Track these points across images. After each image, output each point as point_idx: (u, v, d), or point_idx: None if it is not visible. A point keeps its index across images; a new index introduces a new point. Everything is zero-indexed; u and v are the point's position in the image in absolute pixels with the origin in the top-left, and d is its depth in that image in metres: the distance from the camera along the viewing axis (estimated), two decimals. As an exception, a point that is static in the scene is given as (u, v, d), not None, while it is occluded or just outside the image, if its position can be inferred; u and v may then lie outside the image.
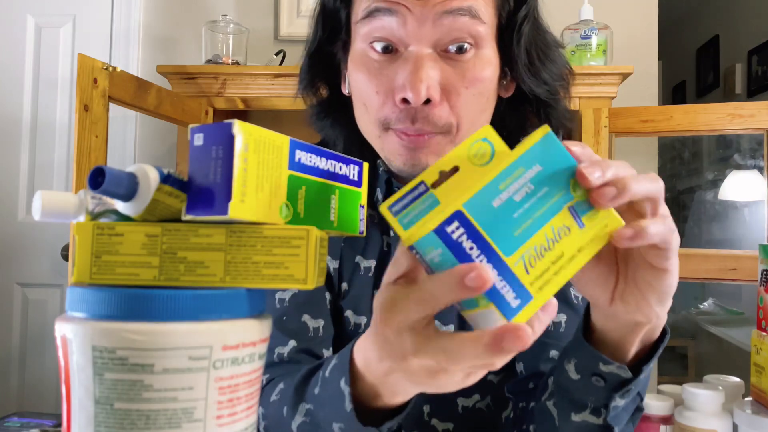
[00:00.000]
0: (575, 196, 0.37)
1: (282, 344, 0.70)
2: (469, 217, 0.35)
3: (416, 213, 0.37)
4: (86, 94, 1.37)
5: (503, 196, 0.35)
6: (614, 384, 0.52)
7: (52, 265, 2.02)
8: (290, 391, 0.60)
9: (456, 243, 0.34)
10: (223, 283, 0.36)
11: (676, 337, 3.45)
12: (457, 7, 0.61)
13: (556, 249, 0.36)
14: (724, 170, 3.37)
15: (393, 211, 0.37)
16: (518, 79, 0.69)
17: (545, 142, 0.37)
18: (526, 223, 0.36)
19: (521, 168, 0.36)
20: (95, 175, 0.33)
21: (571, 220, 0.37)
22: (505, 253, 0.35)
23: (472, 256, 0.34)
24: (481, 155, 0.38)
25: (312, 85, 0.75)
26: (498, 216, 0.35)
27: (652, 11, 1.98)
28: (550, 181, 0.37)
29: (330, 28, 0.71)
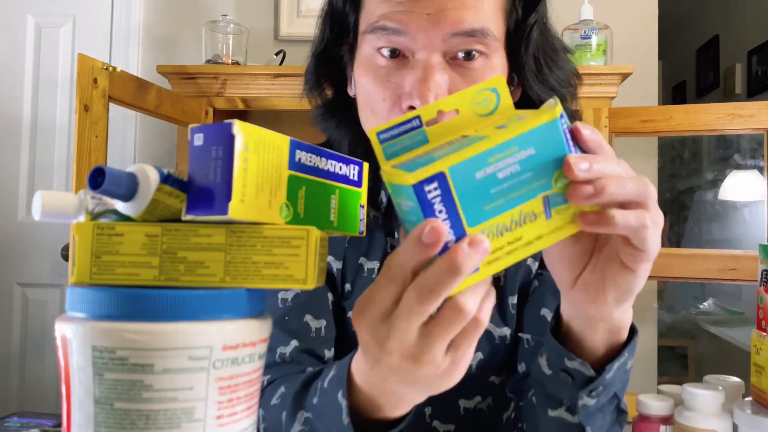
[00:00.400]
0: (554, 188, 0.37)
1: (284, 344, 0.70)
2: (449, 182, 0.35)
3: (403, 146, 0.37)
4: (86, 94, 1.37)
5: (488, 170, 0.35)
6: (581, 382, 0.52)
7: (52, 265, 2.02)
8: (290, 397, 0.60)
9: (428, 202, 0.35)
10: (223, 283, 0.36)
11: (676, 337, 3.45)
12: (469, 29, 0.60)
13: (516, 231, 0.37)
14: (724, 170, 3.37)
15: (381, 138, 0.37)
16: (526, 86, 0.68)
17: (548, 128, 0.36)
18: (499, 201, 0.36)
19: (515, 147, 0.36)
20: (95, 175, 0.33)
21: (541, 209, 0.37)
22: (469, 224, 0.35)
23: (438, 218, 0.35)
24: (485, 105, 0.38)
25: (318, 85, 0.75)
26: (476, 187, 0.35)
27: (652, 11, 1.98)
28: (536, 167, 0.36)
29: (337, 30, 0.70)
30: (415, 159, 0.37)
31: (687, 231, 3.71)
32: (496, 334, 0.72)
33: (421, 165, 0.35)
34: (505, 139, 0.35)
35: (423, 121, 0.37)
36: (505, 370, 0.73)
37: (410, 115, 0.37)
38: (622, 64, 1.72)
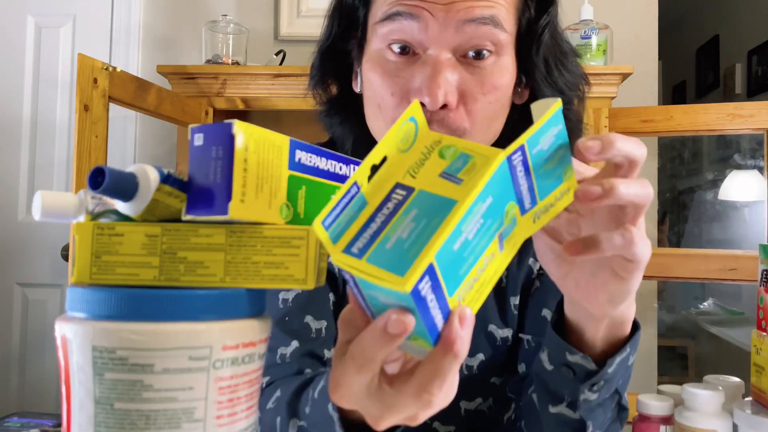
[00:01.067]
0: (505, 222, 0.36)
1: (284, 345, 0.70)
2: (436, 269, 0.32)
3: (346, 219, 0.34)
4: (86, 94, 1.37)
5: (462, 238, 0.33)
6: (582, 376, 0.53)
7: (52, 265, 2.02)
8: (284, 403, 0.60)
9: (423, 299, 0.32)
10: (223, 283, 0.36)
11: (676, 337, 3.45)
12: (480, 16, 0.60)
13: (481, 278, 0.35)
14: (724, 170, 3.38)
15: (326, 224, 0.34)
16: (534, 87, 0.68)
17: (500, 171, 0.34)
18: (470, 260, 0.34)
19: (480, 203, 0.34)
20: (95, 175, 0.33)
21: (496, 247, 0.36)
22: (449, 294, 0.33)
23: (430, 308, 0.33)
24: (406, 139, 0.36)
25: (322, 81, 0.75)
26: (455, 259, 0.33)
27: (652, 11, 1.98)
28: (494, 213, 0.35)
29: (346, 25, 0.70)
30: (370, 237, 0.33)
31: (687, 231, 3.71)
32: (497, 335, 0.72)
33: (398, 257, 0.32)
34: (472, 201, 0.33)
35: (360, 184, 0.35)
36: (506, 371, 0.73)
37: (347, 185, 0.34)
38: (622, 64, 1.72)
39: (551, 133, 0.37)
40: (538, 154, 0.36)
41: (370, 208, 0.34)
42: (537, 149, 0.36)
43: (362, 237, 0.33)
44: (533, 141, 0.36)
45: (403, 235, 0.33)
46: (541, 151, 0.36)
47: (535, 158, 0.36)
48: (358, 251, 0.33)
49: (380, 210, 0.34)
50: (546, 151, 0.37)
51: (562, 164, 0.38)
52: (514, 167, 0.35)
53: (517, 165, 0.35)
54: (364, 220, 0.34)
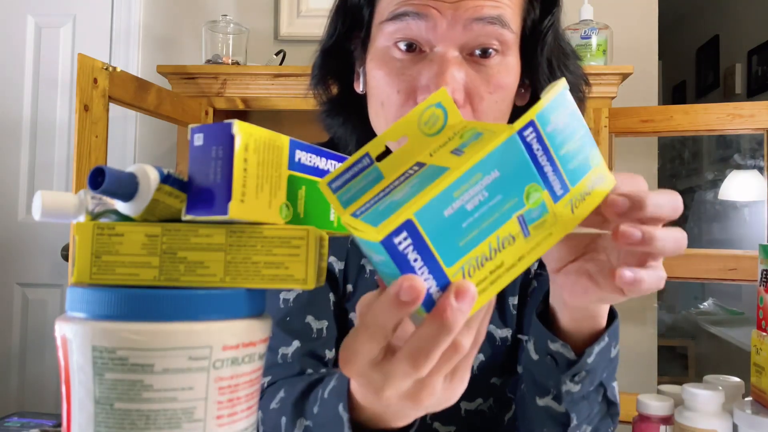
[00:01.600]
0: (527, 204, 0.35)
1: (286, 344, 0.70)
2: (419, 228, 0.32)
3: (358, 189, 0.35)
4: (86, 94, 1.37)
5: (456, 205, 0.33)
6: (563, 366, 0.53)
7: (52, 265, 2.02)
8: (290, 403, 0.60)
9: (401, 254, 0.32)
10: (223, 283, 0.36)
11: (676, 337, 3.45)
12: (488, 15, 0.60)
13: (497, 258, 0.35)
14: (724, 170, 3.38)
15: (333, 187, 0.35)
16: (537, 88, 0.68)
17: (508, 146, 0.34)
18: (473, 233, 0.34)
19: (479, 173, 0.34)
20: (95, 175, 0.33)
21: (518, 230, 0.35)
22: (446, 264, 0.34)
23: (415, 268, 0.33)
24: (432, 123, 0.36)
25: (324, 81, 0.75)
26: (447, 225, 0.33)
27: (652, 11, 1.98)
28: (505, 189, 0.34)
29: (350, 24, 0.70)
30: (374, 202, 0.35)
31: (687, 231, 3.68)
32: (497, 335, 0.72)
33: (383, 214, 0.33)
34: (466, 168, 0.33)
35: (373, 157, 0.35)
36: (506, 371, 0.73)
37: (358, 154, 0.35)
38: (622, 64, 1.72)
39: (563, 112, 0.36)
40: (554, 133, 0.36)
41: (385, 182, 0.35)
42: (551, 128, 0.36)
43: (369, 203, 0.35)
44: (543, 118, 0.35)
45: (395, 198, 0.34)
46: (556, 130, 0.36)
47: (551, 137, 0.36)
48: (360, 212, 0.34)
49: (393, 183, 0.35)
50: (562, 130, 0.36)
51: (585, 147, 0.37)
52: (529, 144, 0.35)
53: (532, 142, 0.35)
54: (377, 191, 0.35)
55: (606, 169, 0.39)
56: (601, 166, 0.38)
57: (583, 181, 0.37)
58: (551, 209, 0.36)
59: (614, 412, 0.59)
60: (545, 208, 0.36)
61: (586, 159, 0.37)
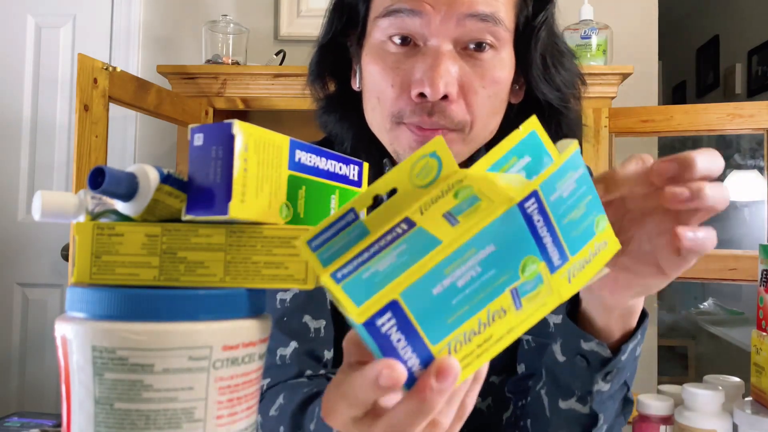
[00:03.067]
0: (522, 277, 0.33)
1: (283, 345, 0.70)
2: (404, 308, 0.31)
3: (340, 245, 0.33)
4: (86, 94, 1.37)
5: (446, 282, 0.32)
6: (596, 365, 0.53)
7: (52, 265, 2.02)
8: (288, 414, 0.60)
9: (383, 336, 0.31)
10: (223, 283, 0.36)
11: (676, 337, 3.45)
12: (481, 12, 0.61)
13: (485, 332, 0.33)
14: (724, 170, 3.37)
15: (313, 246, 0.33)
16: (532, 84, 0.68)
17: (506, 219, 0.32)
18: (463, 309, 0.32)
19: (473, 249, 0.32)
20: (95, 175, 0.33)
21: (510, 303, 0.33)
22: (432, 342, 0.32)
23: (397, 349, 0.31)
24: (425, 174, 0.34)
25: (320, 78, 0.75)
26: (435, 304, 0.32)
27: (652, 11, 1.98)
28: (499, 263, 0.33)
29: (346, 20, 0.70)
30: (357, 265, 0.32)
31: (687, 231, 3.70)
32: None
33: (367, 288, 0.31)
34: (459, 244, 0.32)
35: (358, 211, 0.33)
36: (505, 370, 0.73)
37: (342, 210, 0.33)
38: (622, 64, 1.72)
39: (570, 178, 0.34)
40: (558, 202, 0.34)
41: (371, 238, 0.33)
42: (555, 196, 0.33)
43: (351, 264, 0.33)
44: (548, 186, 0.33)
45: (380, 268, 0.32)
46: (560, 199, 0.34)
47: (555, 207, 0.34)
48: (341, 276, 0.32)
49: (379, 241, 0.33)
50: (567, 198, 0.34)
51: (590, 214, 0.35)
52: (530, 216, 0.33)
53: (533, 214, 0.33)
54: (361, 249, 0.33)
55: (611, 234, 0.37)
56: (606, 230, 0.37)
57: (584, 249, 0.35)
58: (547, 280, 0.34)
59: (628, 410, 0.60)
60: (541, 279, 0.34)
61: (591, 226, 0.36)
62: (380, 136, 0.68)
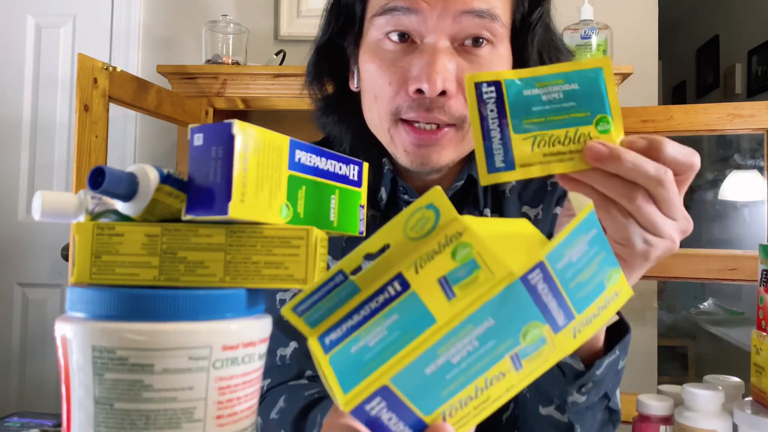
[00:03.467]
0: (523, 343, 0.32)
1: (283, 345, 0.70)
2: (395, 391, 0.30)
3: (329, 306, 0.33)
4: (86, 94, 1.37)
5: (440, 362, 0.31)
6: (570, 377, 0.53)
7: (52, 265, 2.02)
8: (290, 419, 0.60)
9: (373, 418, 0.31)
10: (223, 283, 0.36)
11: (676, 337, 3.45)
12: (477, 9, 0.61)
13: (482, 396, 0.33)
14: (724, 170, 3.37)
15: (299, 311, 0.33)
16: None
17: (507, 293, 0.31)
18: (458, 381, 0.32)
19: (470, 326, 0.31)
20: (95, 175, 0.33)
21: (509, 366, 0.32)
22: (425, 413, 0.32)
23: (389, 426, 0.31)
24: (421, 225, 0.33)
25: (319, 79, 0.75)
26: (428, 382, 0.31)
27: (652, 11, 1.98)
28: (499, 334, 0.31)
29: (343, 20, 0.70)
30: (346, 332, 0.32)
31: (687, 231, 3.70)
32: None
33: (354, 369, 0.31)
34: (454, 325, 0.30)
35: (347, 272, 0.33)
36: None
37: (331, 273, 0.33)
38: (622, 64, 1.72)
39: (581, 241, 0.33)
40: (567, 267, 0.33)
41: (362, 296, 0.33)
42: (563, 263, 0.32)
43: (339, 328, 0.32)
44: (556, 255, 0.32)
45: (370, 343, 0.32)
46: (569, 264, 0.33)
47: (562, 273, 0.32)
48: (329, 343, 0.32)
49: (370, 301, 0.33)
50: (576, 262, 0.33)
51: (601, 270, 0.34)
52: (534, 287, 0.32)
53: (538, 284, 0.32)
54: (350, 309, 0.32)
55: (624, 284, 0.36)
56: (619, 282, 0.35)
57: (593, 305, 0.34)
58: (550, 341, 0.33)
59: (615, 419, 0.59)
60: (544, 341, 0.33)
61: (602, 281, 0.34)
62: (379, 136, 0.68)
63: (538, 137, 0.40)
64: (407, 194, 0.71)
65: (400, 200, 0.72)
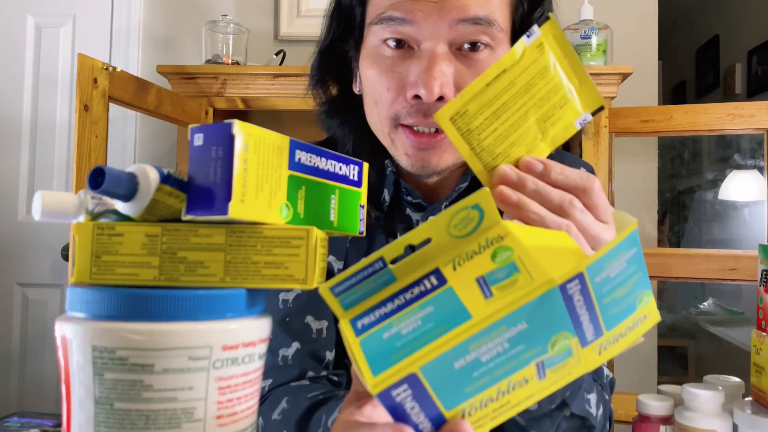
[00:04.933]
0: (550, 352, 0.32)
1: (285, 346, 0.70)
2: (422, 380, 0.31)
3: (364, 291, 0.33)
4: (86, 94, 1.37)
5: (469, 358, 0.31)
6: None
7: (52, 265, 2.02)
8: (292, 421, 0.60)
9: (397, 405, 0.31)
10: (223, 283, 0.36)
11: (676, 337, 3.45)
12: (474, 15, 0.60)
13: (503, 399, 0.33)
14: (724, 170, 3.37)
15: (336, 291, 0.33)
16: None
17: (545, 299, 0.31)
18: (483, 380, 0.32)
19: (503, 327, 0.31)
20: (95, 175, 0.33)
21: (534, 374, 0.32)
22: (446, 408, 0.32)
23: (410, 416, 0.31)
24: (464, 224, 0.33)
25: (322, 82, 0.75)
26: (455, 376, 0.31)
27: (652, 11, 1.98)
28: (529, 340, 0.32)
29: (344, 24, 0.70)
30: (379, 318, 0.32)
31: (687, 231, 3.71)
32: None
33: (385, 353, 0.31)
34: (489, 323, 0.31)
35: (387, 260, 0.33)
36: None
37: (372, 258, 0.33)
38: (622, 64, 1.72)
39: (621, 258, 0.33)
40: (604, 282, 0.32)
41: (397, 285, 0.33)
42: (602, 276, 0.32)
43: (372, 314, 0.33)
44: (596, 268, 0.32)
45: (403, 331, 0.32)
46: (607, 279, 0.33)
47: (599, 287, 0.32)
48: (361, 327, 0.32)
49: (405, 292, 0.33)
50: (615, 278, 0.33)
51: (635, 291, 0.34)
52: (571, 296, 0.32)
53: (575, 294, 0.32)
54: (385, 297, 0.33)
55: (653, 308, 0.36)
56: (649, 305, 0.35)
57: (621, 325, 0.34)
58: (576, 354, 0.33)
59: (590, 424, 0.58)
60: (570, 353, 0.33)
61: (634, 302, 0.34)
62: (381, 139, 0.69)
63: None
64: (410, 195, 0.71)
65: (403, 202, 0.72)
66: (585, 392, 0.58)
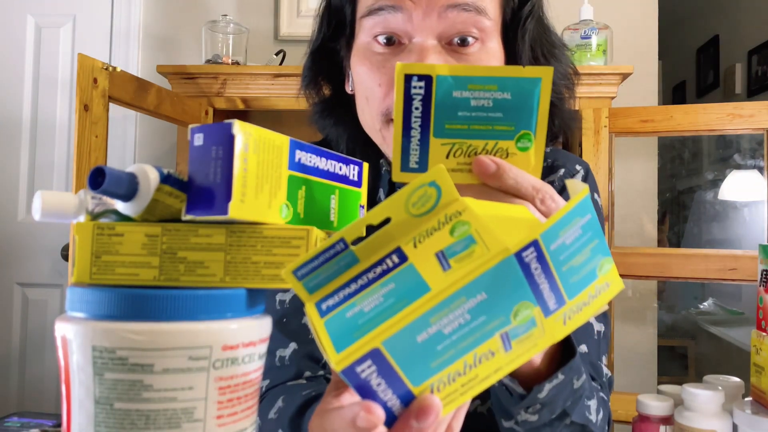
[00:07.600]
0: (513, 322, 0.33)
1: (283, 346, 0.70)
2: (386, 355, 0.31)
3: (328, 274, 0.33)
4: (86, 94, 1.37)
5: (431, 330, 0.31)
6: (516, 397, 0.51)
7: (52, 265, 2.02)
8: (287, 418, 0.60)
9: (362, 382, 0.31)
10: (223, 283, 0.36)
11: (676, 337, 3.45)
12: (463, 2, 0.61)
13: (470, 373, 0.33)
14: (724, 170, 3.37)
15: (299, 275, 0.33)
16: None
17: (501, 268, 0.32)
18: (448, 354, 0.32)
19: (463, 298, 0.31)
20: (95, 175, 0.33)
21: (499, 345, 0.33)
22: (413, 383, 0.32)
23: (377, 392, 0.32)
24: (423, 203, 0.34)
25: (314, 82, 0.75)
26: (419, 350, 0.31)
27: (652, 11, 1.98)
28: (490, 310, 0.32)
29: (335, 24, 0.70)
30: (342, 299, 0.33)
31: (687, 231, 3.71)
32: None
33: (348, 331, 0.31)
34: (448, 294, 0.31)
35: (348, 241, 0.33)
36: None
37: (332, 240, 0.33)
38: (622, 64, 1.72)
39: (576, 224, 0.34)
40: (560, 249, 0.33)
41: (360, 266, 0.33)
42: (557, 244, 0.33)
43: (336, 295, 0.33)
44: (551, 235, 0.32)
45: (365, 308, 0.32)
46: (563, 246, 0.33)
47: (555, 254, 0.33)
48: (326, 309, 0.32)
49: (368, 272, 0.33)
50: (570, 245, 0.33)
51: (593, 258, 0.35)
52: (528, 264, 0.32)
53: (531, 262, 0.32)
54: (348, 278, 0.33)
55: (615, 275, 0.36)
56: (610, 272, 0.36)
57: (583, 293, 0.35)
58: (540, 324, 0.33)
59: (589, 430, 0.58)
60: (534, 323, 0.33)
61: (594, 269, 0.35)
62: (372, 136, 0.69)
63: (456, 146, 0.39)
64: None
65: None
66: (585, 399, 0.58)
